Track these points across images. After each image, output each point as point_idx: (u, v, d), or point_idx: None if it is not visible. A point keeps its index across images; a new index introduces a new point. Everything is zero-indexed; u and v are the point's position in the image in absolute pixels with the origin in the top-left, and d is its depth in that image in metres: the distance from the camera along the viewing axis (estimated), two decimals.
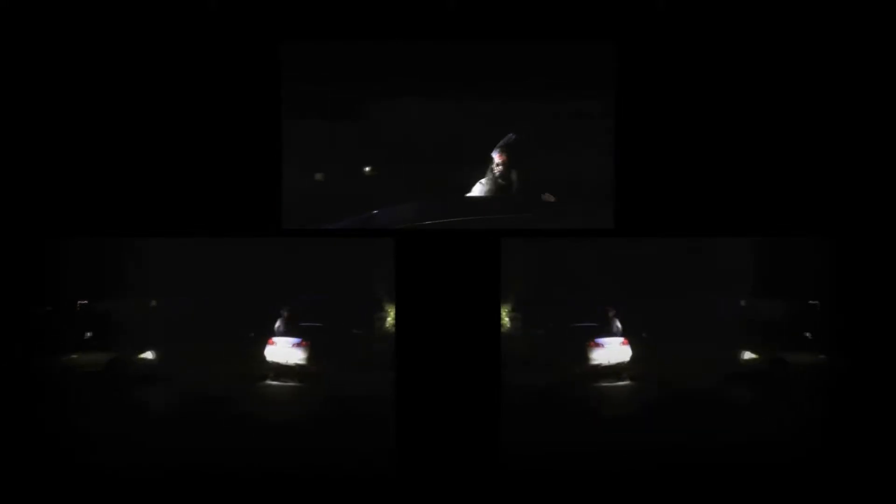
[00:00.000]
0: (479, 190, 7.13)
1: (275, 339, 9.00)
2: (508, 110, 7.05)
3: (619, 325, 7.54)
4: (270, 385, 8.48)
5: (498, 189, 7.06)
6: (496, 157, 7.03)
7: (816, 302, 7.31)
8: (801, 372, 7.35)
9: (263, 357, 8.66)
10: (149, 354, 8.21)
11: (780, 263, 7.35)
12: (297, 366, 8.72)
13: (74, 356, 7.85)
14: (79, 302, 7.88)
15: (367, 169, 7.06)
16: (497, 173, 7.01)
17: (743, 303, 7.56)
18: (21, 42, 6.66)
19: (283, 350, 8.91)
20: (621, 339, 7.57)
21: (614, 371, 7.53)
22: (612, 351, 7.58)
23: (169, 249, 7.62)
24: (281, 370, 8.65)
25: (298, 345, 8.97)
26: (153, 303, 8.12)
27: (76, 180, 6.81)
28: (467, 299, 6.81)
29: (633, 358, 7.53)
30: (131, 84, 6.76)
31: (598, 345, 7.59)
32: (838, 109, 6.81)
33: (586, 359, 7.53)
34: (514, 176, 7.04)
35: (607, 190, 6.99)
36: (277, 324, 9.85)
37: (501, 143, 7.07)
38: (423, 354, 6.84)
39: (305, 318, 9.45)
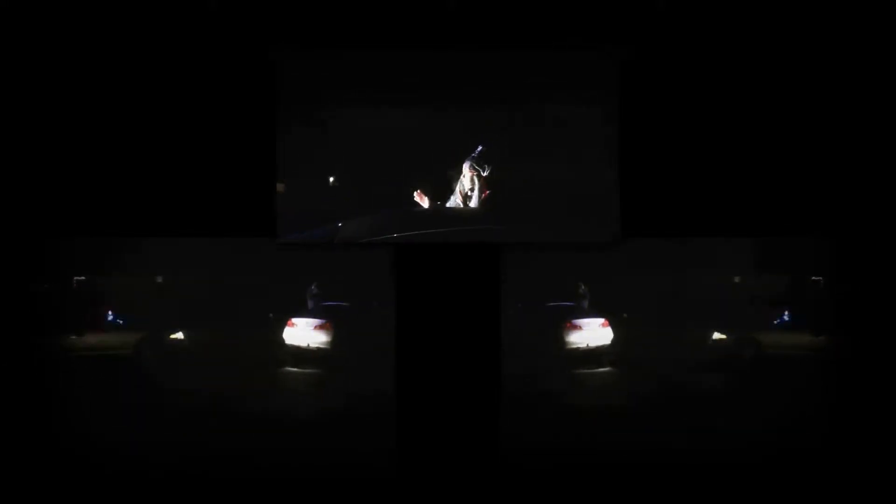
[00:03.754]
0: (450, 202, 6.86)
1: (295, 320, 8.62)
2: (499, 118, 6.80)
3: (586, 303, 6.90)
4: (289, 373, 8.08)
5: (464, 201, 6.84)
6: (465, 168, 6.79)
7: (820, 278, 6.41)
8: (774, 353, 6.49)
9: (282, 340, 8.49)
10: (180, 335, 7.94)
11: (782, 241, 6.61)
12: (319, 350, 8.49)
13: (93, 338, 7.51)
14: (75, 278, 7.50)
15: (332, 179, 6.88)
16: (465, 185, 6.80)
17: (737, 279, 6.73)
18: (21, 45, 6.65)
19: (304, 333, 8.48)
20: (601, 321, 6.91)
21: (594, 356, 6.87)
22: (592, 333, 6.94)
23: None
24: (301, 355, 8.25)
25: (321, 327, 8.68)
26: (158, 279, 8.02)
27: (77, 182, 6.80)
28: (467, 311, 6.67)
29: (613, 341, 6.84)
30: (129, 89, 6.78)
31: (575, 326, 6.95)
32: (841, 110, 6.58)
33: (563, 342, 6.90)
34: (476, 188, 6.78)
35: (602, 200, 6.65)
36: (309, 302, 9.65)
37: (471, 154, 6.77)
38: (423, 366, 6.74)
39: (330, 296, 9.15)
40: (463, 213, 6.75)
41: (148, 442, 6.85)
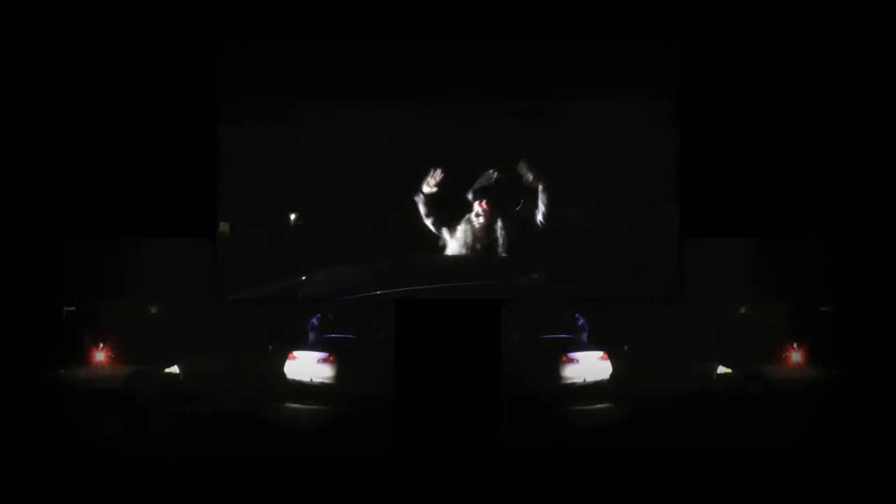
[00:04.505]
0: (453, 246, 5.36)
1: (296, 353, 8.25)
2: (510, 125, 5.34)
3: (586, 336, 6.54)
4: (291, 409, 7.80)
5: (478, 245, 5.36)
6: (476, 205, 5.31)
7: (829, 308, 5.97)
8: (784, 389, 6.05)
9: (283, 374, 8.16)
10: (175, 369, 7.66)
11: (782, 265, 6.15)
12: (323, 385, 8.16)
13: (81, 371, 7.20)
14: (65, 308, 7.21)
15: (293, 217, 5.57)
16: (477, 226, 5.33)
17: (743, 310, 6.32)
18: None
19: (306, 366, 8.19)
20: (600, 354, 6.53)
21: (591, 391, 6.48)
22: (589, 367, 6.56)
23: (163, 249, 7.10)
24: (303, 390, 8.01)
25: (324, 360, 8.35)
26: (153, 309, 7.79)
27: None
28: (467, 363, 5.98)
29: (613, 375, 6.45)
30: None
31: (571, 360, 6.56)
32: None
33: (558, 377, 6.52)
34: (500, 228, 5.34)
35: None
36: (310, 334, 9.26)
37: (480, 184, 5.28)
38: (423, 412, 6.16)
39: (335, 326, 8.74)
40: (477, 264, 5.34)
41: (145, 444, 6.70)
